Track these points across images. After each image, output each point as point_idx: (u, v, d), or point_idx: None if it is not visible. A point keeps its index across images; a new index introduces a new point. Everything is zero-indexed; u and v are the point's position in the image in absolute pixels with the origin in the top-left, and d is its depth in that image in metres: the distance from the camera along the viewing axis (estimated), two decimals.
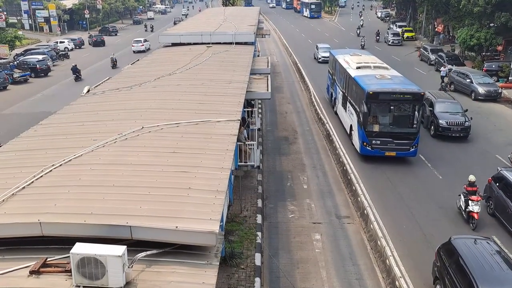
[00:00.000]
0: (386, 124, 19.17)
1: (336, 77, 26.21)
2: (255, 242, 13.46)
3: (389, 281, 11.97)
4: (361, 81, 20.19)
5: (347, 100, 22.61)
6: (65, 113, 13.76)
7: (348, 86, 22.46)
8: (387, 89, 18.97)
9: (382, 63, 23.74)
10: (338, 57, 25.94)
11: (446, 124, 22.21)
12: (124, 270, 6.29)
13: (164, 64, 20.20)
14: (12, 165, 9.65)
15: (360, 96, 19.54)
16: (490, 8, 34.01)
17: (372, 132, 18.98)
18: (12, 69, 38.13)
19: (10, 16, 67.62)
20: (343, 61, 24.67)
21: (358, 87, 20.09)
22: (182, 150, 10.18)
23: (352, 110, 21.34)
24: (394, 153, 19.26)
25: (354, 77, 21.10)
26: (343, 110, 23.52)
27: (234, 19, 32.48)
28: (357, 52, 27.16)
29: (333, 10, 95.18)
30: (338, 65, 25.40)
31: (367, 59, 24.60)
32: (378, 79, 20.22)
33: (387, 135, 19.05)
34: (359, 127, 19.66)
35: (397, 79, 20.67)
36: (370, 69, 22.22)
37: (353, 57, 24.62)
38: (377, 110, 19.15)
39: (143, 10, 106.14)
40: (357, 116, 19.93)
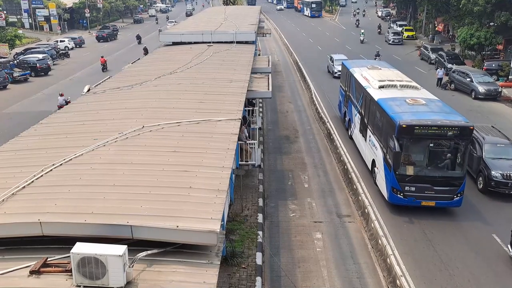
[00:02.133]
0: (424, 166, 14.99)
1: (351, 94, 22.25)
2: (256, 241, 13.45)
3: (390, 280, 11.96)
4: (387, 107, 16.18)
5: (367, 127, 18.64)
6: (66, 112, 13.74)
7: (369, 110, 18.44)
8: (426, 122, 14.65)
9: (410, 81, 19.52)
10: (354, 71, 21.78)
11: (501, 177, 16.43)
12: (124, 269, 6.27)
13: (165, 63, 20.17)
14: (12, 165, 9.62)
15: (388, 128, 15.51)
16: (490, 7, 33.97)
17: (405, 176, 14.82)
18: (12, 68, 38.10)
19: (10, 15, 67.49)
20: (361, 76, 20.64)
21: (384, 115, 16.06)
22: (183, 149, 10.15)
23: (375, 142, 17.20)
24: (433, 203, 15.10)
25: (378, 101, 17.13)
26: (362, 138, 19.49)
27: (235, 18, 32.44)
28: (376, 65, 22.65)
29: (333, 9, 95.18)
30: (354, 81, 21.45)
31: (390, 74, 20.42)
32: (410, 105, 16.09)
33: (424, 180, 14.86)
34: (386, 168, 15.58)
35: (434, 105, 16.32)
36: (396, 89, 18.19)
37: (372, 72, 20.65)
38: (412, 148, 14.99)
39: (144, 9, 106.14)
40: (384, 152, 15.94)
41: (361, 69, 21.70)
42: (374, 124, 17.63)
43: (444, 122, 14.71)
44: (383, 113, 16.27)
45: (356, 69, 22.02)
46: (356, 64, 23.61)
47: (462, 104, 28.07)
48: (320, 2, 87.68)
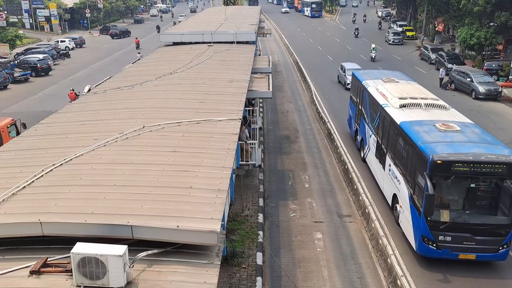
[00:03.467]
0: (462, 211, 12.17)
1: (364, 111, 19.46)
2: (257, 241, 13.44)
3: (391, 280, 11.95)
4: (414, 133, 13.33)
5: (385, 153, 15.75)
6: (66, 112, 13.73)
7: (388, 134, 15.61)
8: (467, 157, 11.76)
9: (436, 99, 16.52)
10: (368, 85, 19.03)
11: None
12: (125, 269, 6.27)
13: (165, 63, 20.18)
14: (12, 165, 9.62)
15: (416, 161, 12.71)
16: (490, 8, 33.97)
17: (439, 223, 11.97)
18: (12, 68, 38.11)
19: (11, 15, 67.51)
20: (376, 91, 17.83)
21: (410, 144, 13.24)
22: (183, 149, 10.15)
23: (397, 174, 14.31)
24: (473, 256, 12.26)
25: (401, 125, 14.27)
26: (378, 166, 16.64)
27: (235, 18, 32.46)
28: (392, 77, 19.78)
29: (334, 10, 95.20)
30: (367, 96, 18.68)
31: (411, 89, 17.56)
32: (442, 131, 13.20)
33: (463, 228, 12.01)
34: (414, 210, 12.68)
35: (472, 133, 13.41)
36: (420, 110, 15.38)
37: (389, 86, 17.84)
38: (448, 188, 12.18)
39: (144, 9, 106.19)
40: (410, 190, 13.07)
41: (376, 82, 18.85)
42: (396, 152, 14.63)
43: (489, 158, 11.72)
44: (409, 141, 13.40)
45: (369, 82, 19.24)
46: (369, 76, 20.58)
47: (463, 104, 28.05)
48: (320, 2, 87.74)
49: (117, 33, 64.09)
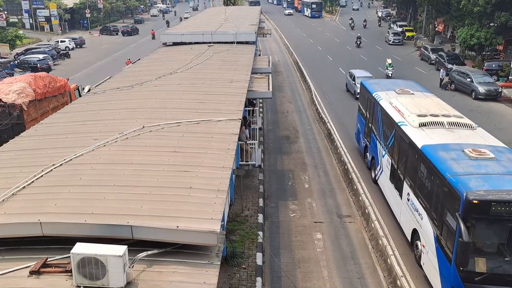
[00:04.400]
0: (502, 259, 10.04)
1: (374, 126, 17.48)
2: (256, 241, 13.43)
3: (391, 280, 11.95)
4: (439, 162, 11.37)
5: (403, 180, 13.76)
6: (66, 113, 13.73)
7: (406, 157, 13.66)
8: (509, 196, 9.81)
9: (461, 116, 14.45)
10: (379, 97, 17.05)
11: None
12: (125, 270, 6.26)
13: (165, 63, 20.18)
14: (12, 165, 9.62)
15: (445, 197, 10.80)
16: (490, 8, 33.98)
17: (474, 273, 9.92)
18: (12, 68, 38.15)
19: (11, 15, 67.62)
20: (389, 105, 15.92)
21: (436, 175, 11.28)
22: (183, 149, 10.15)
23: (419, 207, 12.36)
24: None
25: (423, 150, 12.26)
26: (393, 192, 14.69)
27: (235, 18, 32.46)
28: (406, 87, 17.72)
29: (334, 10, 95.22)
30: (379, 110, 16.77)
31: (429, 104, 15.44)
32: (473, 159, 11.25)
33: (503, 280, 9.94)
34: (441, 255, 10.81)
35: (508, 160, 11.37)
36: (443, 129, 13.33)
37: (404, 100, 15.83)
38: (485, 233, 10.15)
39: (144, 9, 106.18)
40: (436, 230, 11.16)
41: (388, 94, 16.94)
42: (416, 180, 12.66)
43: None
44: (434, 170, 11.45)
45: (381, 94, 17.21)
46: (380, 86, 18.47)
47: (463, 105, 28.04)
48: (320, 2, 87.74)
49: (128, 30, 69.19)
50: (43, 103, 19.29)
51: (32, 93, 18.51)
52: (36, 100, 18.70)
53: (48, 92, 19.73)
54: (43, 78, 20.24)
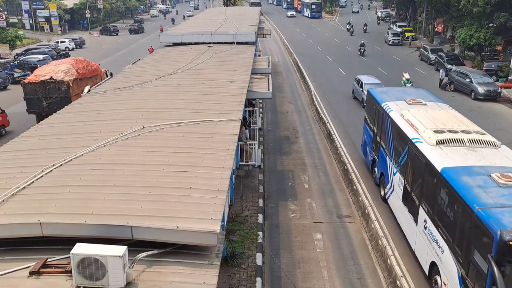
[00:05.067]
0: None
1: (385, 140, 15.92)
2: (256, 241, 13.44)
3: (390, 281, 11.95)
4: (466, 191, 9.86)
5: (419, 205, 12.28)
6: (66, 113, 13.73)
7: (423, 180, 12.18)
8: None
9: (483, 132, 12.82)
10: (389, 108, 15.63)
11: None
12: (124, 270, 6.27)
13: (165, 63, 20.19)
14: (12, 165, 9.62)
15: (473, 233, 9.40)
16: (489, 8, 34.01)
17: None
18: (12, 69, 38.11)
19: (11, 15, 67.62)
20: (401, 118, 14.51)
21: (462, 206, 9.76)
22: (183, 149, 10.15)
23: (439, 238, 10.84)
24: None
25: (444, 174, 10.77)
26: (408, 216, 13.11)
27: (235, 19, 32.48)
28: (417, 96, 16.42)
29: (333, 10, 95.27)
30: (389, 123, 15.32)
31: (444, 116, 14.09)
32: (503, 186, 9.83)
33: None
34: None
35: None
36: (464, 148, 11.83)
37: (417, 111, 14.47)
38: None
39: (144, 9, 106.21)
40: (460, 265, 9.79)
41: (399, 105, 15.55)
42: (436, 206, 11.19)
43: None
44: (457, 198, 9.95)
45: (391, 105, 15.79)
46: (389, 95, 17.01)
47: (462, 105, 28.06)
48: (320, 3, 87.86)
49: (136, 28, 73.57)
50: (82, 82, 23.67)
51: (75, 73, 23.36)
52: (78, 79, 23.45)
53: (86, 74, 24.52)
54: (82, 62, 25.12)
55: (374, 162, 17.42)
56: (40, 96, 22.43)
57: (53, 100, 22.12)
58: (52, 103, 21.76)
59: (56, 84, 22.35)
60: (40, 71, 23.56)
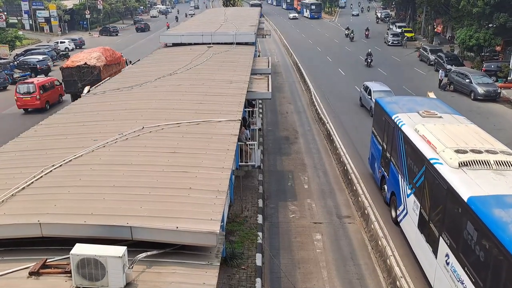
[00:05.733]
0: None
1: (396, 157, 14.36)
2: (256, 242, 13.43)
3: (390, 281, 11.95)
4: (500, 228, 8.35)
5: (439, 236, 10.67)
6: (66, 113, 13.74)
7: (444, 208, 10.52)
8: None
9: (508, 151, 11.20)
10: (401, 121, 14.13)
11: None
12: (124, 271, 6.26)
13: (165, 64, 20.19)
14: (12, 166, 9.62)
15: None
16: (489, 9, 34.02)
17: None
18: (12, 69, 38.10)
19: (11, 16, 67.62)
20: (415, 134, 12.93)
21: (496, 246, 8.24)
22: (182, 150, 10.16)
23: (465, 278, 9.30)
24: None
25: (472, 205, 9.20)
26: (426, 247, 11.52)
27: (234, 19, 32.49)
28: (430, 107, 14.87)
29: (333, 11, 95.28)
30: (401, 138, 13.83)
31: (465, 132, 12.45)
32: None
33: None
34: None
35: None
36: (491, 172, 10.26)
37: (433, 127, 12.81)
38: None
39: (144, 10, 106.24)
40: None
41: (411, 118, 14.07)
42: (461, 241, 9.63)
43: None
44: (490, 236, 8.45)
45: (403, 117, 14.30)
46: (400, 106, 15.55)
47: (462, 105, 28.08)
48: (320, 3, 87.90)
49: (142, 27, 75.96)
50: (109, 67, 28.23)
51: (105, 60, 27.86)
52: (106, 65, 27.80)
53: (112, 61, 28.98)
54: (109, 50, 29.86)
55: (384, 179, 15.86)
56: (76, 79, 26.70)
57: (86, 82, 25.23)
58: (86, 85, 23.00)
59: (89, 69, 26.76)
60: (76, 58, 28.16)
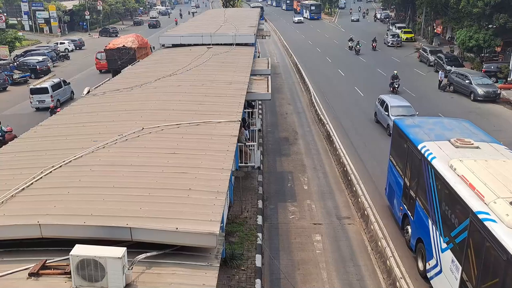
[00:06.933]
0: None
1: (423, 198, 12.09)
2: (256, 243, 13.43)
3: (390, 282, 11.94)
4: None
5: None
6: (65, 114, 13.74)
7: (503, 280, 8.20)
8: None
9: None
10: (429, 152, 11.77)
11: None
12: (124, 272, 6.26)
13: (164, 65, 20.18)
14: (11, 166, 9.62)
15: None
16: (488, 10, 34.06)
17: None
18: (12, 70, 38.13)
19: (10, 17, 67.71)
20: (452, 174, 10.53)
21: None
22: (182, 151, 10.15)
23: None
24: None
25: None
26: None
27: (234, 20, 32.49)
28: (462, 134, 12.63)
29: (333, 12, 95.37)
30: (432, 176, 11.39)
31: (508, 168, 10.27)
32: None
33: None
34: None
35: None
36: None
37: (474, 164, 10.49)
38: None
39: (144, 11, 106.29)
40: None
41: (442, 149, 11.69)
42: None
43: None
44: None
45: (432, 147, 11.91)
46: (425, 130, 13.19)
47: (461, 106, 28.15)
48: (319, 4, 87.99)
49: (154, 23, 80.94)
50: (141, 50, 35.20)
51: (137, 43, 35.30)
52: (139, 47, 34.94)
53: (142, 45, 36.06)
54: (139, 36, 37.78)
55: (406, 218, 13.49)
56: (116, 58, 33.60)
57: (124, 60, 32.00)
58: (124, 62, 30.84)
59: (127, 50, 33.91)
60: (115, 42, 36.04)
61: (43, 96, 28.13)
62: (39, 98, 28.12)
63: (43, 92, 28.20)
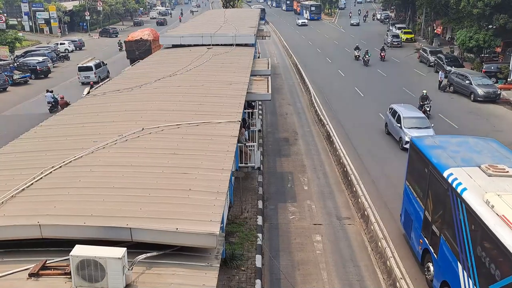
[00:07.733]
0: None
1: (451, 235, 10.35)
2: (256, 243, 13.43)
3: (390, 283, 11.94)
4: None
5: None
6: (65, 115, 13.75)
7: None
8: None
9: None
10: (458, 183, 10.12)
11: None
12: (124, 272, 6.26)
13: (164, 65, 20.19)
14: (12, 167, 9.62)
15: None
16: (489, 10, 34.07)
17: None
18: (12, 71, 38.14)
19: (10, 17, 67.64)
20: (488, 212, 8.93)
21: None
22: (182, 151, 10.15)
23: None
24: None
25: None
26: None
27: (234, 20, 32.49)
28: (493, 158, 11.09)
29: (333, 12, 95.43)
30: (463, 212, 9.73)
31: None
32: None
33: None
34: None
35: None
36: None
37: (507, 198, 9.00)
38: None
39: (144, 11, 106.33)
40: None
41: (473, 177, 10.14)
42: None
43: None
44: None
45: (460, 175, 10.33)
46: (450, 154, 11.54)
47: (462, 107, 28.16)
48: (319, 5, 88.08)
49: (162, 21, 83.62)
50: (154, 42, 37.12)
51: (152, 36, 38.07)
52: (154, 40, 37.37)
53: (155, 38, 37.70)
54: (153, 30, 40.95)
55: (427, 254, 11.78)
56: (134, 49, 36.84)
57: (141, 51, 35.66)
58: (141, 53, 34.52)
59: (144, 42, 37.20)
60: (133, 34, 39.24)
61: (88, 73, 34.97)
62: (86, 75, 34.92)
63: (89, 69, 35.13)
